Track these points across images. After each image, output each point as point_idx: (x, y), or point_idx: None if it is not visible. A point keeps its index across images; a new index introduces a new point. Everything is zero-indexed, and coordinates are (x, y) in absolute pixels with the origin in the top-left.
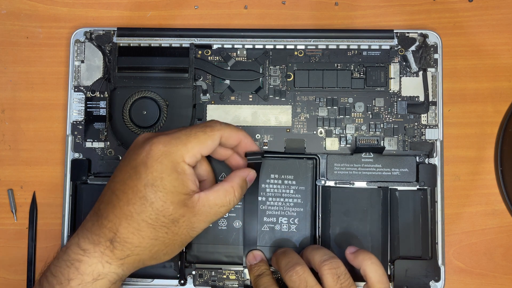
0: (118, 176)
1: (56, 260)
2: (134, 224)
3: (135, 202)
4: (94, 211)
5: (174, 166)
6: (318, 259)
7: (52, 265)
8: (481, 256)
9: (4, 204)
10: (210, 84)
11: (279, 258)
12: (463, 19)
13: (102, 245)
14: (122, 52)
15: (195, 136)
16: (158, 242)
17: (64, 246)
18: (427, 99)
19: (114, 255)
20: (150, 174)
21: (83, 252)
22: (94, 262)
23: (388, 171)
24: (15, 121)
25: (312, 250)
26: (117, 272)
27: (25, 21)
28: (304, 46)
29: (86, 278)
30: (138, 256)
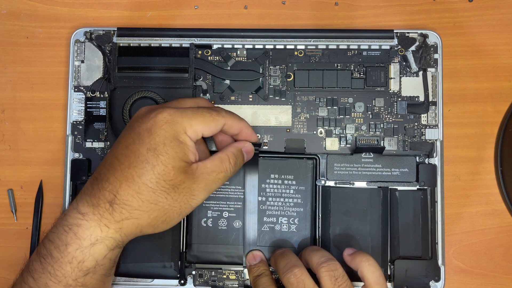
0: (121, 142)
1: (55, 227)
2: (134, 186)
3: (136, 165)
4: (94, 176)
5: (177, 135)
6: (316, 261)
7: (50, 232)
8: (481, 256)
9: (4, 204)
10: (210, 84)
11: (278, 259)
12: (463, 19)
13: (101, 207)
14: (122, 52)
15: (201, 115)
16: (157, 207)
17: (63, 213)
18: (427, 99)
19: (112, 218)
20: (153, 139)
21: (82, 216)
22: (92, 225)
23: (388, 171)
24: (15, 121)
25: (310, 252)
26: (114, 237)
27: (25, 21)
28: (304, 46)
29: (84, 243)
30: (136, 220)
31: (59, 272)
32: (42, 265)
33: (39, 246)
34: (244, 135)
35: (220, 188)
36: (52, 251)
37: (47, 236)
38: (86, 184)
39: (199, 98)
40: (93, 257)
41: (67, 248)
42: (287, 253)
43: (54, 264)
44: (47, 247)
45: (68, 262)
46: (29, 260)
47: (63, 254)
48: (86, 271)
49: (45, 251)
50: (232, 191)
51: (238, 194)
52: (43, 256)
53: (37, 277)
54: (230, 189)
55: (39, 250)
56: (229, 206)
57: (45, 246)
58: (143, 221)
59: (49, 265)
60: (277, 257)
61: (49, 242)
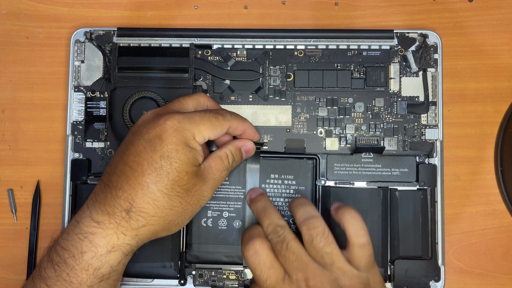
0: (131, 149)
1: (66, 234)
2: (150, 194)
3: (150, 172)
4: (104, 183)
5: (187, 142)
6: (299, 216)
7: (61, 239)
8: (481, 256)
9: (4, 204)
10: (210, 84)
11: (260, 216)
12: (463, 19)
13: (118, 215)
14: (122, 52)
15: (208, 120)
16: (172, 212)
17: (74, 220)
18: (427, 99)
19: (130, 226)
20: (165, 146)
21: (97, 224)
22: (109, 234)
23: (388, 171)
24: (15, 121)
25: (296, 206)
26: (131, 244)
27: (25, 21)
28: (304, 46)
29: (100, 250)
30: (152, 226)
31: (74, 280)
32: (56, 272)
33: (51, 253)
34: (247, 135)
35: (220, 188)
36: (66, 259)
37: (58, 243)
38: (95, 190)
39: (199, 94)
40: (108, 264)
41: (83, 256)
42: (269, 209)
43: (70, 272)
44: (61, 255)
45: (84, 269)
46: (40, 267)
47: (79, 261)
48: (101, 277)
49: (59, 259)
50: (232, 191)
51: (238, 194)
52: (56, 264)
53: (51, 284)
54: (230, 189)
55: (51, 257)
56: (229, 206)
57: (58, 254)
58: (158, 227)
59: (64, 272)
60: (260, 213)
61: (62, 249)
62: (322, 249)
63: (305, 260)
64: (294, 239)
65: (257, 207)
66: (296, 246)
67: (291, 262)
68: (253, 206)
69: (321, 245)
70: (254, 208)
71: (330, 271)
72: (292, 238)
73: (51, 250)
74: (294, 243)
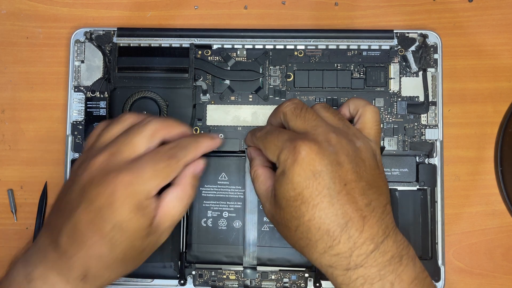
0: (81, 213)
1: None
2: (103, 263)
3: (102, 244)
4: (51, 239)
5: (139, 205)
6: (280, 109)
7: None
8: (481, 256)
9: (4, 204)
10: (210, 84)
11: (268, 136)
12: (463, 19)
13: (74, 281)
14: (122, 52)
15: (161, 172)
16: (129, 268)
17: (22, 275)
18: (427, 99)
19: (85, 287)
20: (116, 217)
21: (51, 285)
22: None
23: (388, 171)
24: (15, 121)
25: (290, 116)
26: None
27: (25, 21)
28: (304, 46)
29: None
30: (109, 281)
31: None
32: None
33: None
34: (204, 151)
35: (220, 188)
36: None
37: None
38: (41, 241)
39: (150, 126)
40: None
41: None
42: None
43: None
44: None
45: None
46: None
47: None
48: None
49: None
50: (232, 191)
51: (238, 194)
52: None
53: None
54: (230, 189)
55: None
56: (229, 206)
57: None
58: (115, 279)
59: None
60: (262, 138)
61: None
62: (338, 114)
63: (324, 122)
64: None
65: (257, 136)
66: (313, 110)
67: (310, 119)
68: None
69: (337, 112)
70: (255, 136)
71: (346, 133)
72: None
73: None
74: (311, 108)
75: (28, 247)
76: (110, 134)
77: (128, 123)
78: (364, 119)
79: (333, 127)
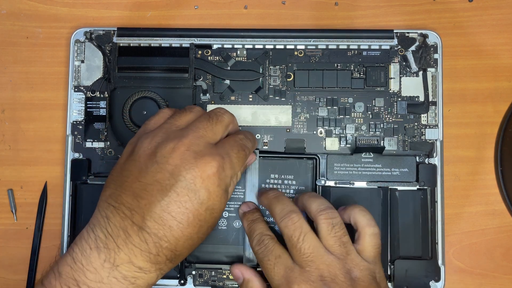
0: (172, 196)
1: (97, 276)
2: (190, 242)
3: (194, 226)
4: (135, 225)
5: (225, 189)
6: (315, 207)
7: (89, 280)
8: (481, 256)
9: (4, 204)
10: (210, 84)
11: (272, 203)
12: (463, 19)
13: (161, 263)
14: (122, 52)
15: (241, 160)
16: (203, 239)
17: (107, 263)
18: (427, 99)
19: (169, 268)
20: (212, 199)
21: (139, 269)
22: (152, 277)
23: (388, 171)
24: (15, 121)
25: (309, 198)
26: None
27: (25, 21)
28: (304, 46)
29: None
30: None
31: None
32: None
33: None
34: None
35: None
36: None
37: (85, 284)
38: (125, 228)
39: (226, 118)
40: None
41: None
42: (282, 197)
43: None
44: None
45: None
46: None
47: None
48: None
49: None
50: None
51: (238, 194)
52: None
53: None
54: None
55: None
56: (229, 206)
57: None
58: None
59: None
60: (272, 200)
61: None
62: (340, 238)
63: (321, 252)
64: (311, 231)
65: (248, 221)
66: (313, 237)
67: (306, 254)
68: (245, 220)
69: (340, 234)
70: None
71: (344, 262)
72: (309, 230)
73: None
74: (311, 234)
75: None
76: (186, 120)
77: (198, 113)
78: (364, 243)
79: (329, 256)
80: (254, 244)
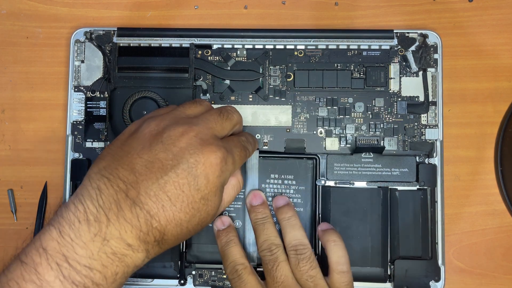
0: (172, 175)
1: (87, 251)
2: (179, 230)
3: (186, 212)
4: (129, 199)
5: (224, 184)
6: (287, 241)
7: (80, 257)
8: (481, 256)
9: (4, 204)
10: (210, 84)
11: (257, 231)
12: (463, 19)
13: (150, 244)
14: (122, 52)
15: (242, 159)
16: (180, 242)
17: (98, 237)
18: (427, 99)
19: (156, 251)
20: (208, 189)
21: (128, 247)
22: (139, 257)
23: (388, 171)
24: (15, 121)
25: (285, 227)
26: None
27: (25, 21)
28: (304, 46)
29: (129, 270)
30: (165, 249)
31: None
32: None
33: (64, 270)
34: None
35: None
36: (94, 279)
37: (76, 260)
38: (118, 201)
39: (236, 117)
40: (128, 276)
41: (116, 276)
42: (267, 225)
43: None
44: (86, 275)
45: (113, 287)
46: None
47: (108, 280)
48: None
49: (83, 279)
50: None
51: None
52: (76, 285)
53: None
54: None
55: (73, 278)
56: (229, 206)
57: (79, 273)
58: (168, 248)
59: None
60: (257, 227)
61: (86, 269)
62: (307, 272)
63: (291, 282)
64: (285, 261)
65: (256, 219)
66: (286, 268)
67: (277, 282)
68: (253, 216)
69: (306, 268)
70: (253, 217)
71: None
72: (284, 260)
73: (62, 268)
74: (285, 264)
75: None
76: (195, 111)
77: (207, 107)
78: (333, 279)
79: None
80: (227, 272)
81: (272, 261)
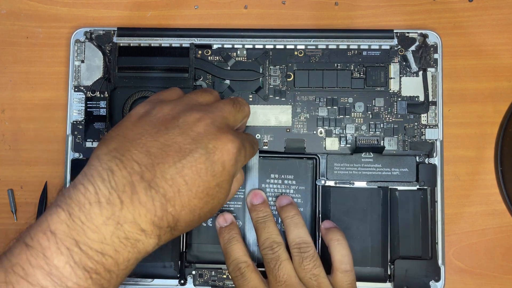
0: (189, 159)
1: (100, 236)
2: (192, 217)
3: (202, 197)
4: (144, 181)
5: (236, 173)
6: (290, 239)
7: (92, 241)
8: (481, 256)
9: (4, 204)
10: (210, 84)
11: (258, 229)
12: (463, 19)
13: (163, 230)
14: (122, 52)
15: (252, 152)
16: (201, 221)
17: (111, 220)
18: (427, 99)
19: (167, 238)
20: (223, 177)
21: (141, 232)
22: (151, 243)
23: (388, 171)
24: (15, 121)
25: (288, 226)
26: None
27: (25, 21)
28: (304, 46)
29: (140, 256)
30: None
31: (114, 286)
32: (93, 281)
33: (75, 255)
34: None
35: None
36: (106, 265)
37: (87, 245)
38: (132, 183)
39: (246, 108)
40: (138, 262)
41: (129, 262)
42: (268, 223)
43: (111, 280)
44: (98, 260)
45: (123, 272)
46: (63, 276)
47: (120, 267)
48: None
49: (95, 265)
50: None
51: (238, 194)
52: (88, 271)
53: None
54: None
55: (84, 263)
56: (229, 206)
57: (92, 259)
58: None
59: (104, 280)
60: (259, 226)
61: (99, 254)
62: (310, 270)
63: (294, 281)
64: (288, 260)
65: (258, 218)
66: (288, 267)
67: (280, 281)
68: (254, 214)
69: (310, 267)
70: (254, 216)
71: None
72: (286, 258)
73: (73, 252)
74: (287, 263)
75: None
76: (207, 99)
77: (217, 97)
78: (336, 278)
79: (302, 287)
80: (230, 270)
81: (274, 260)
